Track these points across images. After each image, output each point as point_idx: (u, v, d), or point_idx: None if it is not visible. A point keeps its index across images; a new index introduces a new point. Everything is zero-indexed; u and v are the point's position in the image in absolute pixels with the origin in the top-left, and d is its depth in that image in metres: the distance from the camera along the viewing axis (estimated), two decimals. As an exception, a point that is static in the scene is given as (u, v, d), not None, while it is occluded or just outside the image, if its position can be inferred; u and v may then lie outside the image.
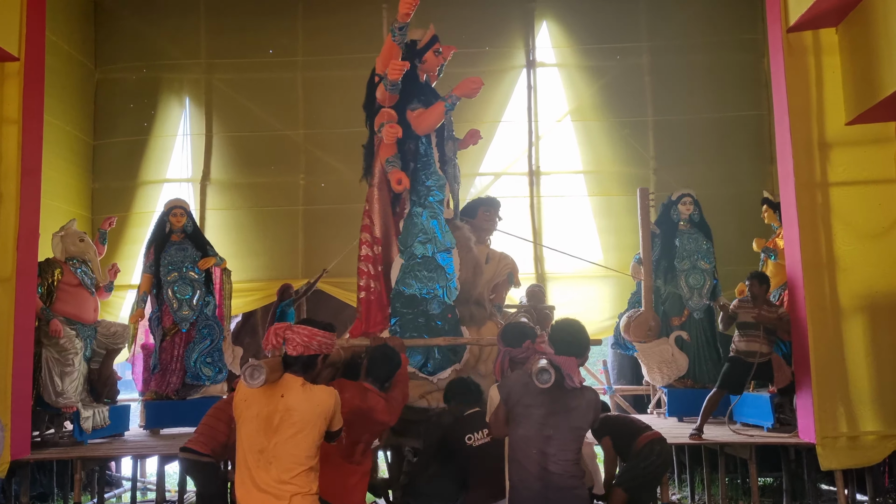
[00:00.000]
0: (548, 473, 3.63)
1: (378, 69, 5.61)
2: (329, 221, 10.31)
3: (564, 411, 3.70)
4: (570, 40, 10.61)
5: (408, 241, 5.52)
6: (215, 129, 10.60)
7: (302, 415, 3.33)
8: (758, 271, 7.34)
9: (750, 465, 6.56)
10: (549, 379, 3.60)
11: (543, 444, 3.66)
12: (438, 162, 5.70)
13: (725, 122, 10.23)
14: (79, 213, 9.63)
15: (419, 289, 5.43)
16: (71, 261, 7.39)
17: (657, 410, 8.71)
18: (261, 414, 3.36)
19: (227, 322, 8.37)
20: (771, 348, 6.86)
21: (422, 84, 5.82)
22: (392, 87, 5.37)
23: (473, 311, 5.71)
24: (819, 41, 6.50)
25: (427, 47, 5.79)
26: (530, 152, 10.45)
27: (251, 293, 9.96)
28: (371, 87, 5.74)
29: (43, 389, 6.84)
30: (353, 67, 10.40)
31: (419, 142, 5.62)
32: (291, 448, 3.32)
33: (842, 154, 6.40)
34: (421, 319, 5.38)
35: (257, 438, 3.34)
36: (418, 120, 5.51)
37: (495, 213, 6.28)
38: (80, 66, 10.22)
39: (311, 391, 3.43)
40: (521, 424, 3.72)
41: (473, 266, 5.74)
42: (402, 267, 5.49)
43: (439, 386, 5.30)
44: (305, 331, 3.53)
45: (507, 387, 3.84)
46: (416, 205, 5.58)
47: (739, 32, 10.33)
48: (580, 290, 10.05)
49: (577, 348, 3.85)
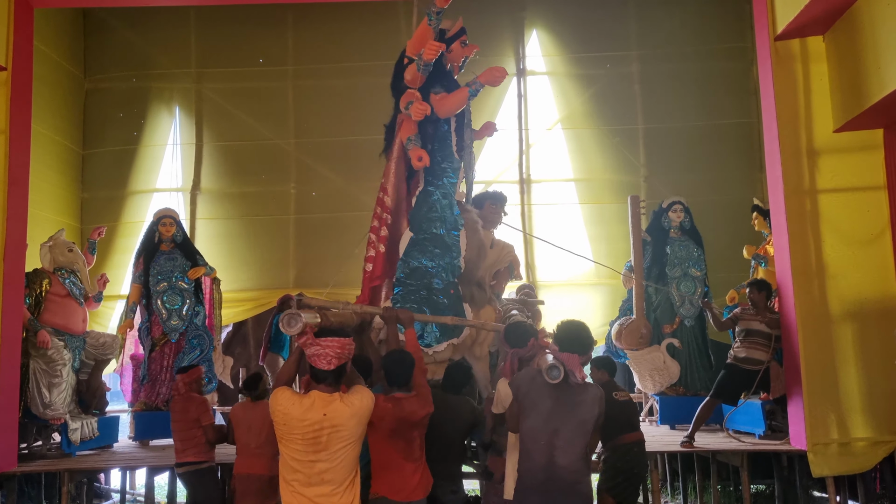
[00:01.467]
0: (554, 465, 3.80)
1: (409, 51, 5.76)
2: (320, 230, 10.28)
3: (570, 405, 3.89)
4: (561, 49, 10.64)
5: (418, 217, 5.73)
6: (205, 138, 10.56)
7: (350, 429, 3.49)
8: (756, 278, 7.35)
9: (742, 472, 6.56)
10: (559, 375, 3.82)
11: (551, 436, 3.84)
12: (455, 147, 5.90)
13: (715, 129, 10.27)
14: (68, 223, 9.57)
15: (425, 263, 5.62)
16: (59, 271, 7.34)
17: (649, 418, 8.70)
18: (307, 434, 3.46)
19: (217, 332, 8.32)
20: (769, 357, 6.87)
21: (446, 71, 6.00)
22: (425, 68, 5.56)
23: (474, 292, 5.89)
24: (806, 49, 6.54)
25: (455, 37, 5.99)
26: (521, 160, 10.46)
27: (242, 303, 9.91)
28: (399, 68, 5.89)
29: (30, 401, 6.78)
30: (343, 76, 10.44)
31: (439, 124, 5.81)
32: (342, 458, 3.50)
33: (830, 161, 6.44)
34: (423, 292, 5.56)
35: (305, 455, 3.48)
36: (441, 103, 5.68)
37: (501, 207, 6.49)
38: (69, 76, 10.19)
39: (350, 403, 3.54)
40: (529, 417, 3.91)
41: (478, 248, 5.95)
42: (411, 240, 5.68)
43: (435, 359, 5.43)
44: (334, 342, 3.61)
45: (516, 382, 4.05)
46: (430, 184, 5.78)
47: (728, 41, 10.39)
48: (572, 298, 10.04)
49: (580, 346, 4.07)
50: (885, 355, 6.13)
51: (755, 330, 6.90)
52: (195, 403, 5.66)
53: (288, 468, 3.61)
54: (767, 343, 6.85)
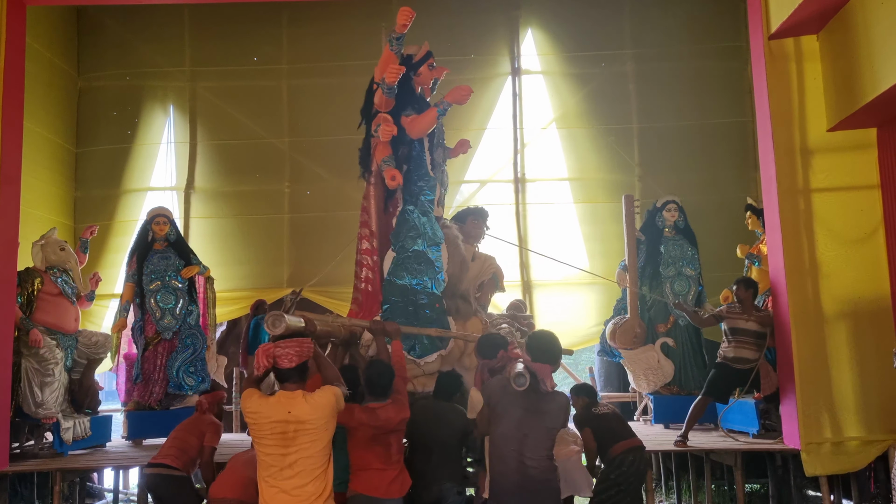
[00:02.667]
0: (525, 468, 4.06)
1: (376, 77, 5.99)
2: (315, 229, 10.27)
3: (539, 413, 4.15)
4: (555, 48, 10.65)
5: (400, 236, 5.92)
6: (199, 136, 10.54)
7: (315, 423, 3.71)
8: (744, 276, 7.36)
9: (736, 471, 6.56)
10: (525, 382, 4.07)
11: (520, 442, 4.10)
12: (430, 165, 6.12)
13: (709, 129, 10.29)
14: (60, 222, 9.54)
15: (409, 280, 5.81)
16: (51, 270, 7.30)
17: (643, 417, 8.71)
18: (275, 430, 3.71)
19: (210, 331, 8.29)
20: (759, 354, 6.88)
21: (416, 94, 6.24)
22: (389, 91, 5.79)
23: (459, 305, 6.14)
24: (800, 48, 6.55)
25: (422, 61, 6.20)
26: (515, 160, 10.46)
27: (236, 302, 9.90)
28: (369, 93, 6.15)
29: (22, 400, 6.74)
30: (338, 75, 10.42)
31: (412, 145, 6.04)
32: (311, 452, 3.72)
33: (824, 160, 6.44)
34: (410, 308, 5.75)
35: (276, 450, 3.72)
36: (412, 125, 5.94)
37: (483, 222, 6.83)
38: (63, 74, 10.15)
39: (313, 400, 3.77)
40: (500, 424, 4.18)
41: (460, 262, 6.20)
42: (394, 259, 5.88)
43: (425, 370, 5.63)
44: (293, 342, 3.87)
45: (487, 390, 4.34)
46: (408, 203, 6.00)
47: (723, 40, 10.40)
48: (566, 298, 10.05)
49: (551, 357, 4.34)
50: (878, 354, 6.13)
51: (741, 329, 6.91)
52: (210, 426, 5.53)
53: (263, 465, 3.80)
54: (755, 341, 6.86)
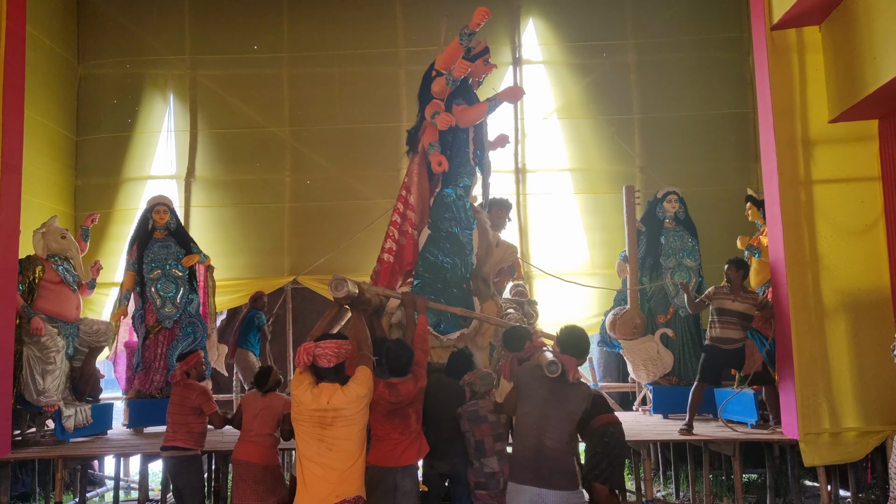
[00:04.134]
0: (543, 447, 4.27)
1: (438, 65, 6.23)
2: (315, 218, 10.27)
3: (562, 398, 4.37)
4: (557, 38, 10.62)
5: (436, 216, 6.18)
6: (200, 125, 10.53)
7: (351, 411, 4.03)
8: (736, 257, 7.40)
9: (734, 461, 6.58)
10: (558, 370, 4.32)
11: (541, 421, 4.32)
12: (473, 154, 6.40)
13: (711, 120, 10.28)
14: (61, 210, 9.54)
15: (441, 258, 6.06)
16: (53, 258, 7.31)
17: (642, 407, 8.74)
18: (313, 417, 4.03)
19: (211, 320, 8.32)
20: (744, 335, 6.92)
21: (468, 85, 6.49)
22: (453, 83, 6.06)
23: (480, 287, 6.40)
24: (802, 39, 6.53)
25: (479, 55, 6.42)
26: (516, 150, 10.44)
27: (236, 290, 9.91)
28: (427, 80, 6.36)
29: (24, 388, 6.77)
30: (339, 64, 10.40)
31: (458, 133, 6.29)
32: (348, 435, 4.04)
33: (825, 152, 6.43)
34: (440, 284, 6.01)
35: (315, 432, 4.04)
36: (463, 114, 6.20)
37: (506, 213, 7.24)
38: (63, 62, 10.12)
39: (349, 391, 4.08)
40: (525, 403, 4.43)
41: (487, 246, 6.47)
42: (429, 237, 6.14)
43: (444, 344, 5.88)
44: (332, 344, 4.14)
45: (518, 373, 4.61)
46: (447, 186, 6.26)
47: (725, 31, 10.38)
48: (567, 288, 10.05)
49: (579, 351, 4.50)
50: (877, 346, 6.14)
51: (727, 309, 6.96)
52: (196, 392, 5.66)
53: (303, 444, 4.11)
54: (740, 322, 6.92)
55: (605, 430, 5.24)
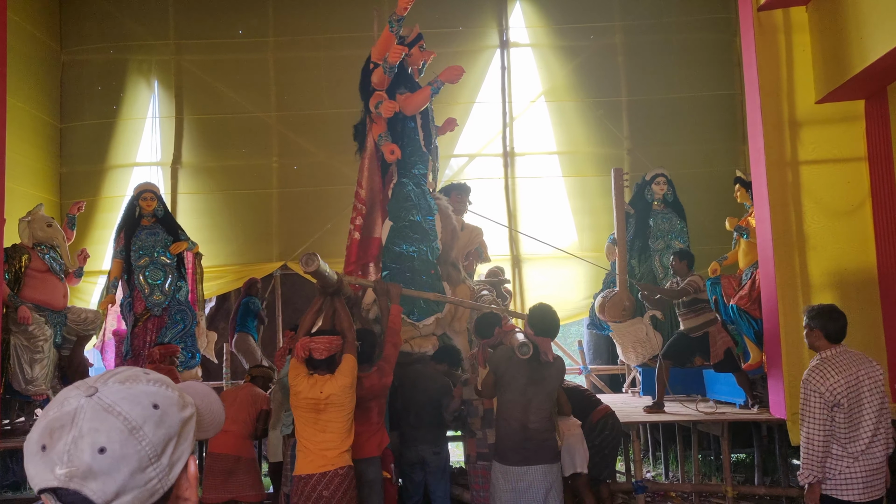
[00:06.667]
0: (527, 429, 4.45)
1: (374, 57, 6.23)
2: (303, 204, 10.23)
3: (541, 380, 4.50)
4: (544, 20, 10.57)
5: (396, 207, 6.18)
6: (185, 111, 10.44)
7: (339, 398, 4.41)
8: (680, 248, 7.54)
9: (722, 441, 6.64)
10: (528, 351, 4.38)
11: (525, 406, 4.47)
12: (423, 141, 6.39)
13: (699, 101, 10.28)
14: (46, 198, 9.45)
15: (406, 248, 6.08)
16: (39, 246, 7.25)
17: (632, 390, 8.78)
18: (308, 404, 4.42)
19: (199, 307, 8.28)
20: (705, 320, 7.12)
21: (408, 73, 6.51)
22: (390, 70, 6.06)
23: (450, 272, 6.44)
24: (789, 20, 6.52)
25: (414, 42, 6.46)
26: (504, 133, 10.43)
27: (224, 277, 9.88)
28: (366, 72, 6.35)
29: (12, 377, 6.73)
30: (325, 48, 10.32)
31: (406, 122, 6.31)
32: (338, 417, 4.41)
33: (812, 132, 6.45)
34: (408, 273, 6.03)
35: (311, 416, 4.43)
36: (407, 102, 6.20)
37: (466, 196, 7.13)
38: (45, 48, 10.00)
39: (335, 379, 4.45)
40: (507, 391, 4.55)
41: (452, 231, 6.52)
42: (392, 229, 6.15)
43: (422, 332, 5.96)
44: (325, 339, 4.50)
45: (494, 360, 4.67)
46: (402, 176, 6.27)
47: (712, 11, 10.36)
48: (555, 271, 10.08)
49: (550, 330, 4.61)
50: (864, 326, 6.19)
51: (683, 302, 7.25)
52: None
53: (301, 426, 4.50)
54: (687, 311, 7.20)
55: (604, 422, 5.38)
